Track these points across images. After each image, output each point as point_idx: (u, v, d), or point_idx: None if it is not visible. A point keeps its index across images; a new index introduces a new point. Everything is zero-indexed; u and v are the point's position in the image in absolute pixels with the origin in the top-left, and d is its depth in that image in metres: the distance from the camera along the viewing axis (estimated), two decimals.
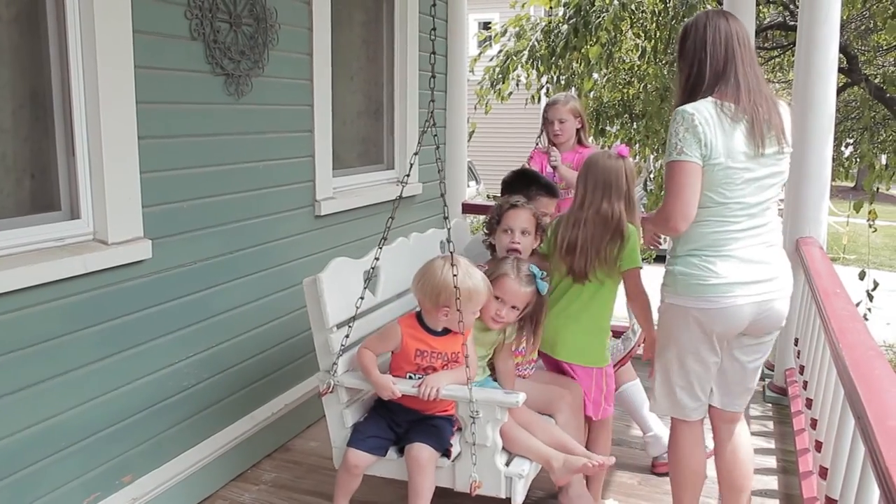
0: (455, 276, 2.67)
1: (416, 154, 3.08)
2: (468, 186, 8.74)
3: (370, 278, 2.91)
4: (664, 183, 2.69)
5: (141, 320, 2.97)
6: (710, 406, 2.89)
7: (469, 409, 2.69)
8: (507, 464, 2.85)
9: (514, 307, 2.94)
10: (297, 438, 3.97)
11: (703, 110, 2.57)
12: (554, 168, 4.27)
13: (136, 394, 2.98)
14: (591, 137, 9.11)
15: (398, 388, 2.77)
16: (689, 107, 2.59)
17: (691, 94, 2.66)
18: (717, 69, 2.63)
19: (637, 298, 3.15)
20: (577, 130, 4.37)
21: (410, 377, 2.86)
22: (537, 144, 4.63)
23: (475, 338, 2.98)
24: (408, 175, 3.05)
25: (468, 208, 5.79)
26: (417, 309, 2.94)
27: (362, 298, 2.89)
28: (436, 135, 2.79)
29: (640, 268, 3.13)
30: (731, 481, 2.92)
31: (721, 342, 2.72)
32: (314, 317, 2.90)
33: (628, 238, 3.07)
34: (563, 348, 3.20)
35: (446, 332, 2.87)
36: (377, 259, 2.91)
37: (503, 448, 2.83)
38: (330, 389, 2.87)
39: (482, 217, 4.40)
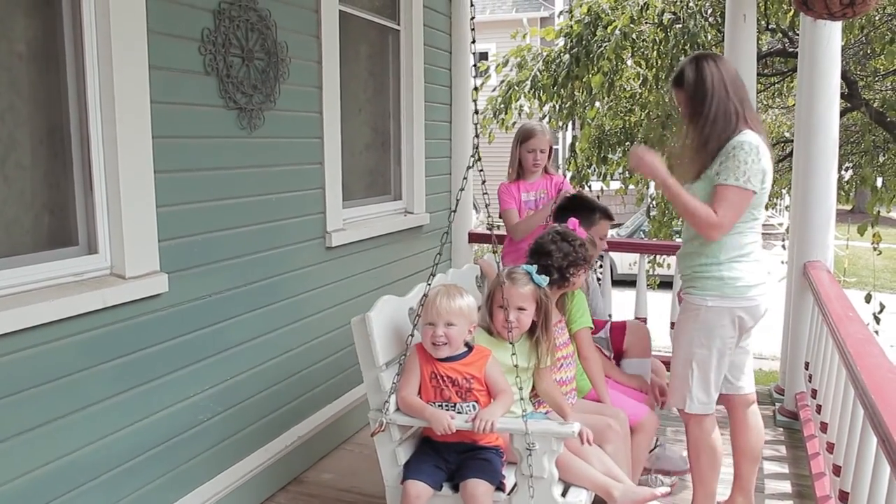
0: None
1: (462, 190, 2.96)
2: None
3: (419, 314, 2.82)
4: (720, 197, 2.94)
5: (157, 354, 2.98)
6: (734, 396, 3.30)
7: (525, 442, 2.64)
8: (564, 494, 2.81)
9: (520, 308, 2.88)
10: (311, 470, 3.95)
11: (760, 143, 2.96)
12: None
13: (153, 428, 2.98)
14: (594, 164, 9.20)
15: (454, 423, 2.71)
16: (752, 138, 2.95)
17: (738, 124, 2.99)
18: (743, 103, 3.03)
19: (588, 359, 3.33)
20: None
21: (431, 405, 2.79)
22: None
23: (501, 364, 2.88)
24: (454, 210, 2.93)
25: (474, 237, 5.81)
26: None
27: (412, 336, 2.82)
28: (481, 169, 2.76)
29: (590, 327, 3.40)
30: (753, 453, 3.35)
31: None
32: (363, 355, 2.82)
33: (571, 299, 3.35)
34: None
35: (452, 358, 2.82)
36: (426, 295, 2.82)
37: (559, 478, 2.78)
38: (382, 428, 2.78)
39: (487, 245, 4.43)
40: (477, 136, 2.76)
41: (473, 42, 2.86)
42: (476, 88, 2.83)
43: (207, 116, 3.19)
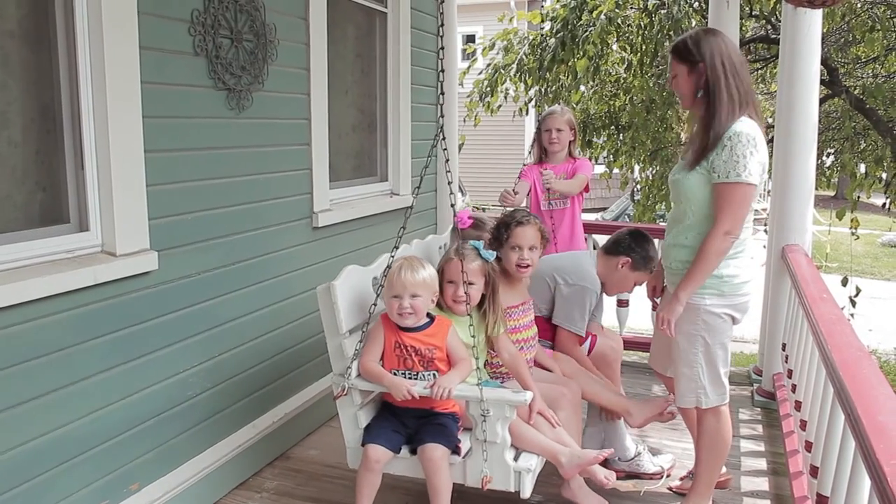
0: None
1: (425, 167, 3.21)
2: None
3: (382, 285, 2.98)
4: (723, 200, 2.88)
5: (147, 331, 3.03)
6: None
7: (480, 408, 2.81)
8: (515, 459, 2.96)
9: (470, 283, 2.98)
10: (297, 447, 4.02)
11: (758, 133, 2.86)
12: (548, 189, 4.40)
13: (143, 403, 3.03)
14: (578, 149, 9.26)
15: (413, 389, 2.86)
16: (749, 129, 2.85)
17: (738, 111, 2.89)
18: (748, 89, 2.93)
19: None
20: (570, 142, 4.54)
21: (394, 373, 2.94)
22: (526, 161, 4.77)
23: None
24: (418, 188, 3.13)
25: None
26: None
27: (375, 305, 3.00)
28: (445, 148, 2.88)
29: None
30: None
31: None
32: (328, 323, 3.00)
33: None
34: None
35: (415, 329, 2.95)
36: (389, 266, 2.97)
37: (511, 444, 2.94)
38: (345, 392, 2.95)
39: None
40: (442, 115, 2.92)
41: (442, 26, 2.99)
42: (442, 70, 2.97)
43: (197, 97, 3.23)
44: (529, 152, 4.82)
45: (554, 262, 3.78)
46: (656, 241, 3.73)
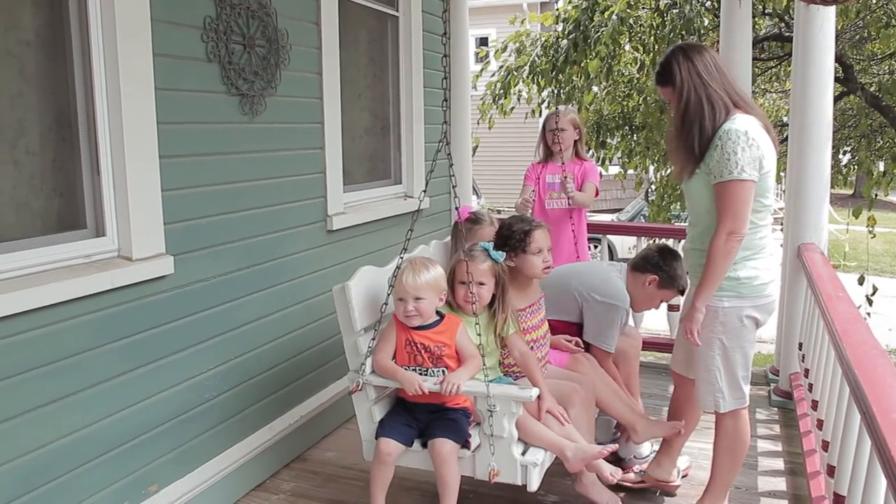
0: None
1: (431, 172, 3.26)
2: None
3: (392, 285, 3.04)
4: (722, 198, 2.85)
5: (163, 334, 3.06)
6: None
7: (487, 404, 2.87)
8: (523, 453, 3.02)
9: (481, 283, 3.06)
10: (314, 449, 4.04)
11: (753, 127, 2.83)
12: (571, 197, 4.43)
13: (160, 405, 3.06)
14: (592, 150, 9.25)
15: (424, 385, 2.93)
16: (740, 126, 2.82)
17: (727, 112, 2.89)
18: (728, 89, 2.92)
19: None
20: (575, 142, 4.55)
21: (406, 369, 3.01)
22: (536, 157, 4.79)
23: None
24: (424, 191, 3.21)
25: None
26: None
27: (386, 304, 3.08)
28: (449, 153, 2.91)
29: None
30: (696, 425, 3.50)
31: None
32: (343, 321, 3.08)
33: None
34: None
35: (425, 327, 3.02)
36: (399, 267, 3.03)
37: (519, 438, 3.00)
38: (359, 388, 3.03)
39: None
40: (446, 122, 3.04)
41: (445, 34, 3.05)
42: (446, 77, 3.02)
43: (210, 102, 3.26)
44: (536, 151, 4.83)
45: (583, 277, 3.80)
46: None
